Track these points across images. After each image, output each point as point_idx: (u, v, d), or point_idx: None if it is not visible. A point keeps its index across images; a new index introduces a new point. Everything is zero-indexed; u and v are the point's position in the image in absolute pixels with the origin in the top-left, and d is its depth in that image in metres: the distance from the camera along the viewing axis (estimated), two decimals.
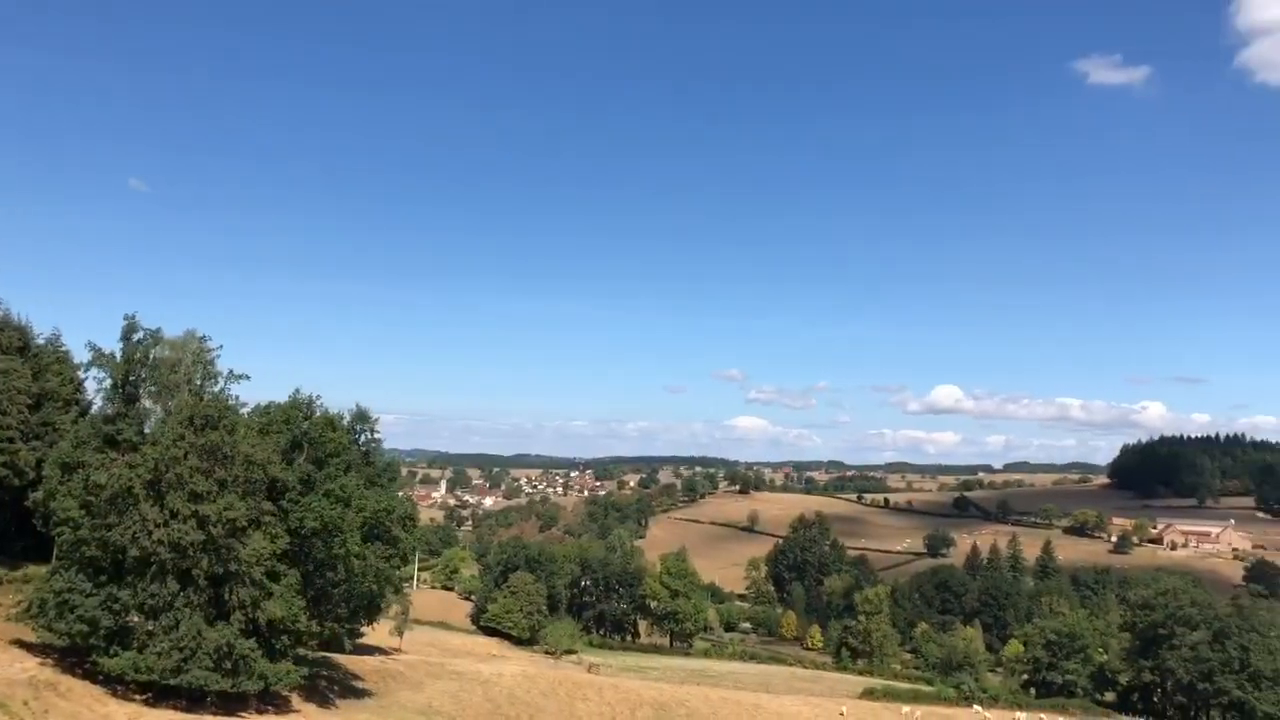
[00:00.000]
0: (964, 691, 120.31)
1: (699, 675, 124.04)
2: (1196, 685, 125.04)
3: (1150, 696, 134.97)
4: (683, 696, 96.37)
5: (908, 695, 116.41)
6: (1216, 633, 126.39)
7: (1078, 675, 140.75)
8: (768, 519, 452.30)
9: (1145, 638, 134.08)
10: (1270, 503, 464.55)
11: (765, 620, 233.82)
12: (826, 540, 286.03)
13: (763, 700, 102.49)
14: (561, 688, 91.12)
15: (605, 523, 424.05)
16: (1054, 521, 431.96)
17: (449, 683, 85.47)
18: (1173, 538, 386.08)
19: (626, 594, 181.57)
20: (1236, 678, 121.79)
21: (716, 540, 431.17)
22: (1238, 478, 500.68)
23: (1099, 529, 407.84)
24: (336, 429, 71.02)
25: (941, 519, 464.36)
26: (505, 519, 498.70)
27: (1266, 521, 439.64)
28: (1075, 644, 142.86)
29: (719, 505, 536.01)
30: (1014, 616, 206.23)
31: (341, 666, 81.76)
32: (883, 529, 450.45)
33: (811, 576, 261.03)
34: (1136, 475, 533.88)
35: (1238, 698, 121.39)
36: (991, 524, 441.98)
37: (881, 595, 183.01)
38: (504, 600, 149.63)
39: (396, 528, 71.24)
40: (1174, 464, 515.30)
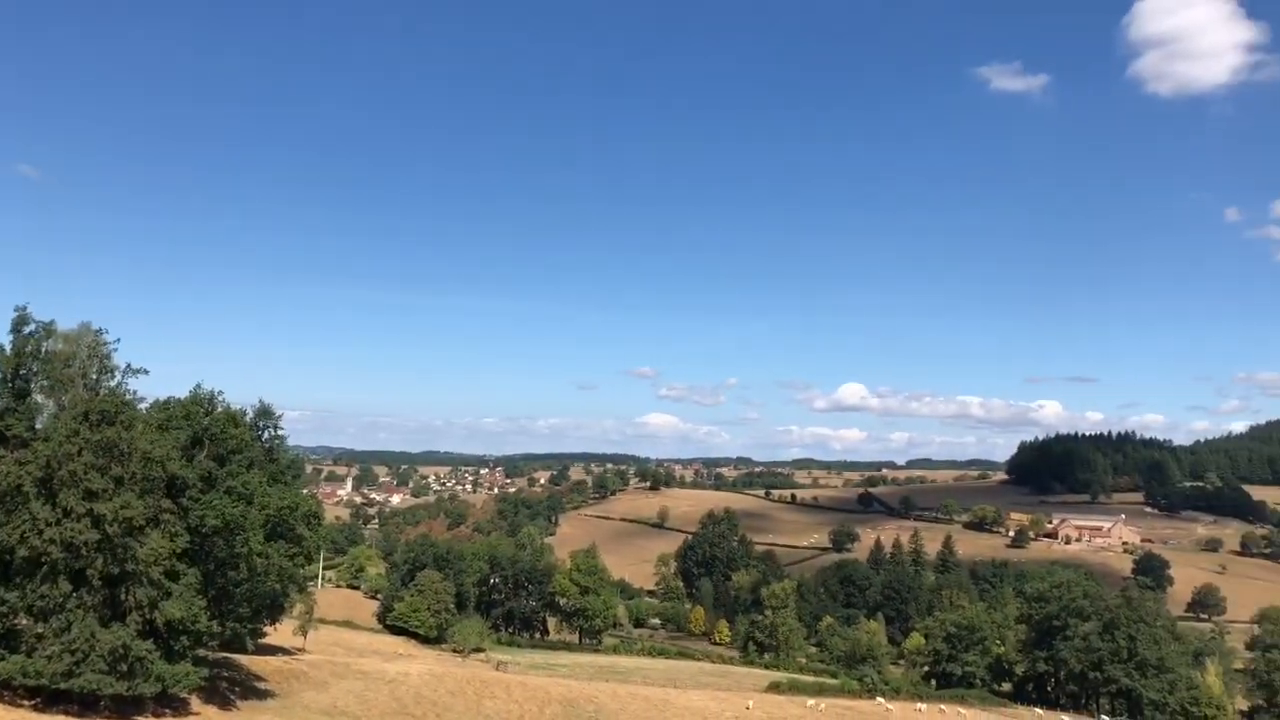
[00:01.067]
0: (867, 684, 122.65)
1: (607, 671, 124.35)
2: (1088, 674, 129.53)
3: (1044, 686, 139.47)
4: (591, 693, 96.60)
5: (813, 688, 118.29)
6: (1106, 624, 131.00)
7: (976, 666, 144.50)
8: (678, 515, 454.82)
9: (1040, 629, 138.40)
10: (1158, 498, 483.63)
11: (674, 616, 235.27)
12: (735, 536, 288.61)
13: (670, 695, 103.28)
14: (469, 686, 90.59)
15: (515, 520, 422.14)
16: (954, 517, 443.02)
17: (354, 682, 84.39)
18: (1067, 532, 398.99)
19: (536, 591, 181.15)
20: (1124, 666, 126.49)
21: (627, 537, 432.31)
22: (1128, 474, 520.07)
23: (997, 524, 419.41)
24: (239, 425, 69.67)
25: (847, 514, 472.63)
26: (413, 517, 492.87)
27: (1154, 516, 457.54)
28: (974, 636, 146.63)
29: (630, 502, 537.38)
30: (916, 610, 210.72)
31: (243, 667, 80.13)
32: (790, 524, 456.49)
33: (720, 572, 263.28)
34: (1033, 472, 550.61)
35: (1126, 685, 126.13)
36: (895, 519, 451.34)
37: (788, 590, 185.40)
38: (411, 599, 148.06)
39: (301, 526, 70.16)
40: (1068, 461, 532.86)
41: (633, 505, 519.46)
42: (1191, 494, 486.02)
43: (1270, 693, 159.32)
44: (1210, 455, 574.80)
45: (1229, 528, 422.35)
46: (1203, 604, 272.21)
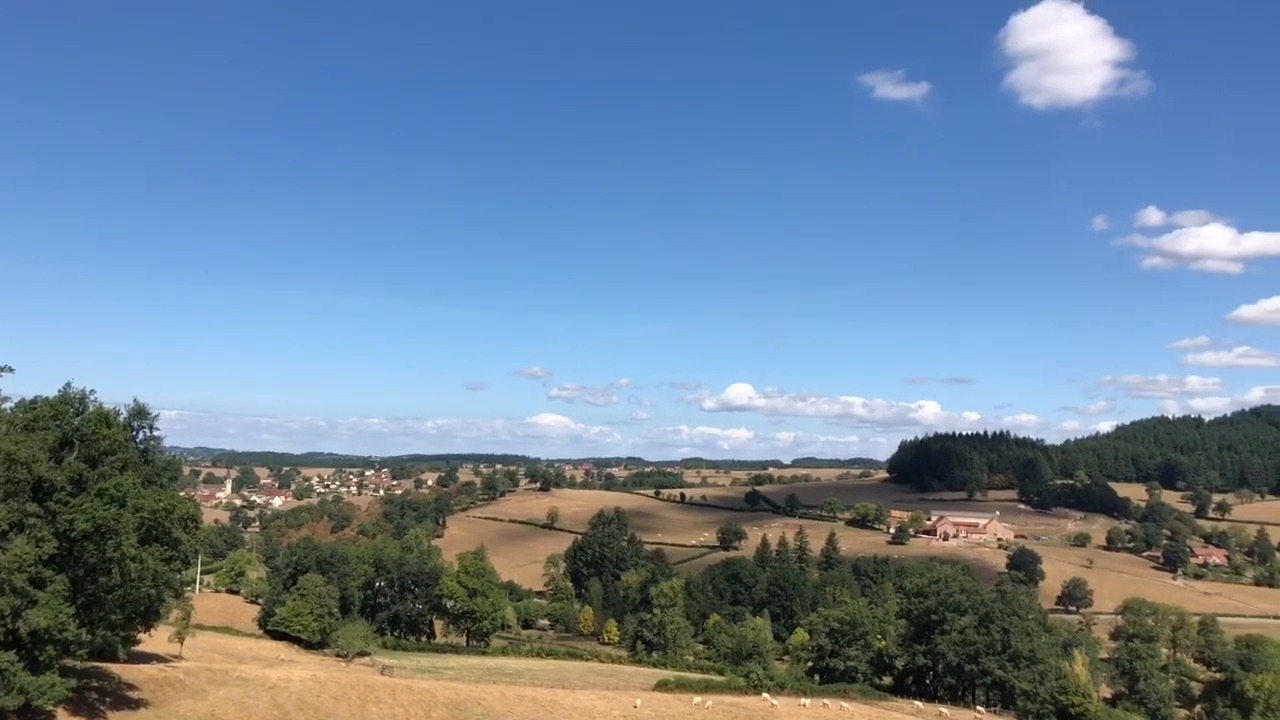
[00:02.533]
0: (753, 680, 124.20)
1: (495, 673, 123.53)
2: (964, 667, 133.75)
3: (924, 679, 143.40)
4: (478, 695, 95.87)
5: (700, 685, 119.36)
6: (982, 618, 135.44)
7: (858, 661, 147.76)
8: (568, 516, 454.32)
9: (919, 624, 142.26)
10: (1030, 495, 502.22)
11: (563, 616, 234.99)
12: (625, 536, 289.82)
13: (559, 696, 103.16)
14: (353, 691, 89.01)
15: (402, 522, 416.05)
16: (838, 514, 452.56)
17: (233, 689, 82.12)
18: (945, 529, 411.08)
19: (423, 594, 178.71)
20: (998, 659, 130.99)
21: (516, 538, 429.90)
22: (1002, 472, 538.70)
23: (879, 521, 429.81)
24: (111, 425, 67.21)
25: (735, 513, 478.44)
26: (296, 519, 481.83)
27: (1027, 513, 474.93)
28: (856, 631, 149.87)
29: (519, 503, 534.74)
30: (801, 606, 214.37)
31: (115, 676, 77.21)
32: (679, 523, 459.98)
33: (609, 572, 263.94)
34: (913, 470, 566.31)
35: (999, 677, 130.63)
36: (781, 517, 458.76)
37: (676, 588, 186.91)
38: (293, 603, 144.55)
39: (177, 529, 67.94)
40: (946, 459, 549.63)
41: (522, 506, 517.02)
42: (1062, 491, 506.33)
43: (1132, 680, 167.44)
44: (1079, 454, 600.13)
45: (1096, 523, 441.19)
46: (1071, 597, 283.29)
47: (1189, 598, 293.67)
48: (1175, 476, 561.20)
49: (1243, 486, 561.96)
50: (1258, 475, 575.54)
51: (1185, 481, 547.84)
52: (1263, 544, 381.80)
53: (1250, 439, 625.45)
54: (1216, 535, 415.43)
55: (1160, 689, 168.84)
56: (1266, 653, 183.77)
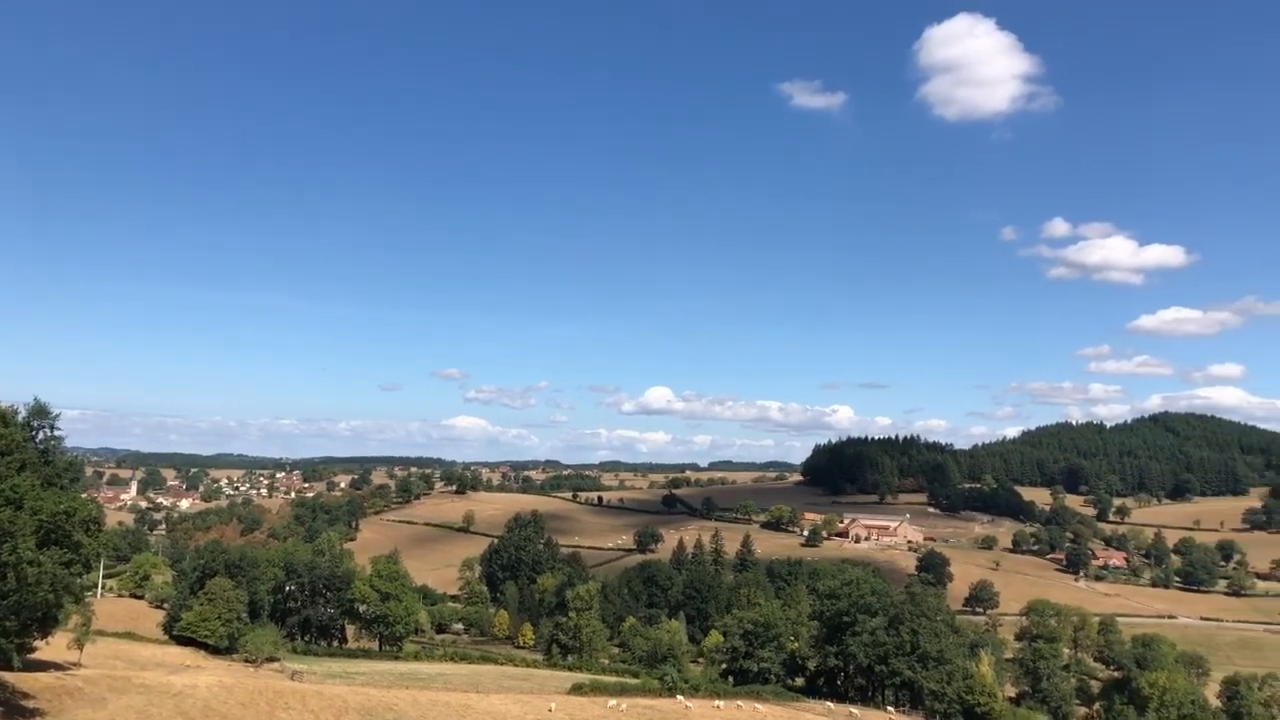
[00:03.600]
0: (667, 683, 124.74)
1: (408, 678, 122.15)
2: (875, 667, 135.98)
3: (835, 680, 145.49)
4: (390, 700, 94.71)
5: (615, 688, 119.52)
6: (892, 619, 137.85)
7: (771, 662, 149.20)
8: (484, 519, 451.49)
9: (831, 625, 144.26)
10: (939, 499, 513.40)
11: (478, 620, 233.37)
12: (541, 539, 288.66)
13: (472, 700, 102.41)
14: (262, 697, 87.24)
15: (314, 525, 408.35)
16: (753, 517, 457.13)
17: (135, 697, 79.87)
18: (857, 531, 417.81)
19: (334, 598, 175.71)
20: (908, 659, 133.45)
21: (431, 541, 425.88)
22: (913, 475, 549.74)
23: (793, 524, 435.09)
24: (9, 424, 65.05)
25: (652, 516, 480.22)
26: (203, 522, 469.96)
27: (936, 516, 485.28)
28: (769, 633, 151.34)
29: (434, 506, 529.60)
30: (715, 608, 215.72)
31: (8, 685, 74.51)
32: (596, 526, 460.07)
33: (525, 575, 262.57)
34: (827, 473, 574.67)
35: (908, 677, 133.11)
36: (698, 520, 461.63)
37: (592, 592, 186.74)
38: (200, 608, 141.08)
39: (78, 532, 65.91)
40: (859, 463, 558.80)
41: (438, 509, 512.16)
42: (970, 495, 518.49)
43: (1035, 680, 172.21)
44: (987, 458, 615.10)
45: (1002, 526, 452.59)
46: (978, 598, 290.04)
47: (1090, 599, 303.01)
48: (1078, 481, 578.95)
49: (1141, 491, 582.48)
50: (1155, 480, 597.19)
51: (1088, 486, 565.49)
52: (1159, 546, 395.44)
53: (1149, 445, 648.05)
54: (1117, 538, 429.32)
55: (1062, 688, 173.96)
56: (1161, 652, 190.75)
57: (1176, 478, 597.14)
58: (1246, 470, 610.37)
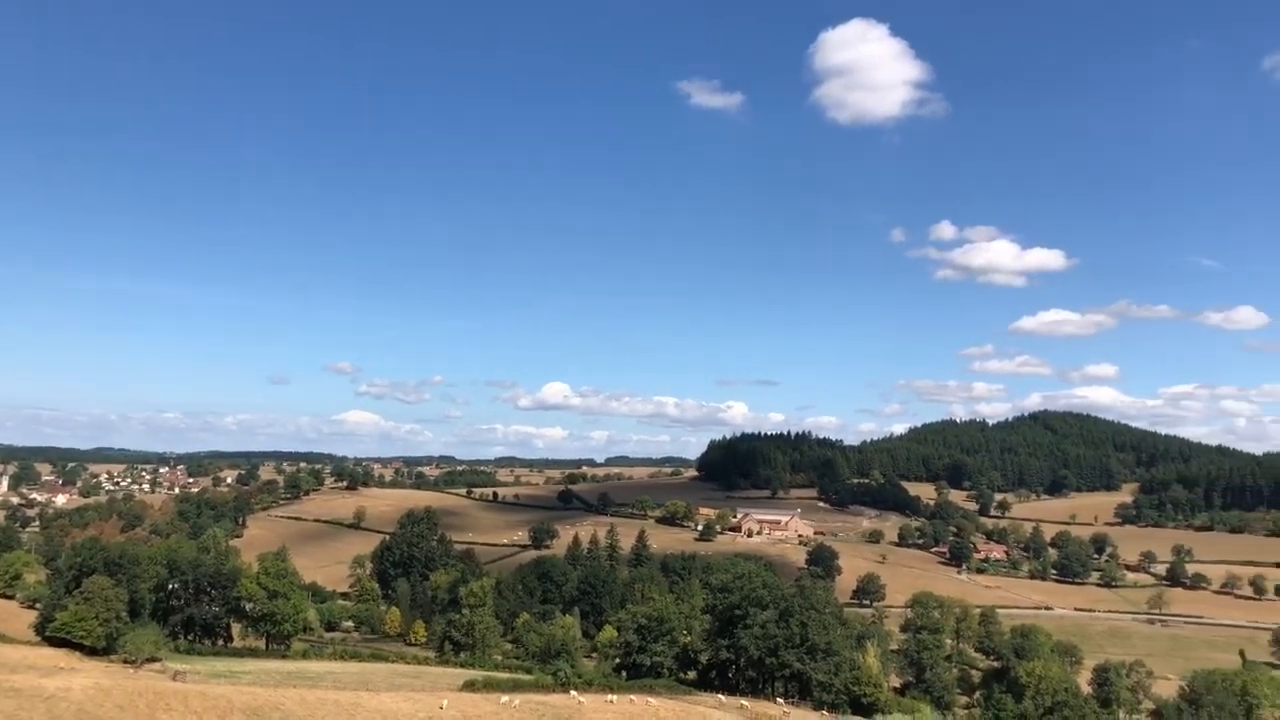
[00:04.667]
0: (561, 678, 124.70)
1: (295, 677, 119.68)
2: (765, 660, 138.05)
3: (727, 672, 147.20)
4: (277, 700, 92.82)
5: (508, 684, 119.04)
6: (783, 612, 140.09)
7: (664, 656, 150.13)
8: (376, 515, 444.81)
9: (723, 619, 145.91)
10: (829, 493, 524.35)
11: (369, 618, 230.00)
12: (434, 535, 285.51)
13: (362, 698, 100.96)
14: (141, 699, 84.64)
15: (199, 521, 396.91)
16: (649, 512, 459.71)
17: (4, 701, 76.78)
18: (750, 526, 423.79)
19: (219, 596, 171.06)
20: (797, 651, 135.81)
21: (321, 538, 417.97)
22: (804, 471, 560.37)
23: (688, 519, 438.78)
24: None
25: (548, 512, 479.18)
26: (81, 519, 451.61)
27: (826, 510, 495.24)
28: (663, 627, 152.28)
29: (325, 502, 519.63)
30: (610, 603, 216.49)
31: None
32: (491, 523, 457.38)
33: (418, 572, 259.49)
34: (721, 468, 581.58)
35: (798, 669, 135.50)
36: (593, 515, 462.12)
37: (486, 588, 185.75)
38: (76, 607, 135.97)
39: None
40: (752, 458, 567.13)
41: (328, 505, 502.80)
42: (858, 490, 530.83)
43: (919, 670, 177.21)
44: (875, 454, 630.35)
45: (889, 520, 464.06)
46: (865, 591, 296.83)
47: (972, 591, 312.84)
48: (962, 476, 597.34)
49: (1021, 486, 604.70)
50: (1034, 476, 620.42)
51: (970, 481, 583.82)
52: (1037, 540, 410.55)
53: (1029, 442, 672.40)
54: (997, 532, 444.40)
55: (944, 678, 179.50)
56: (1037, 642, 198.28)
57: (1054, 474, 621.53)
58: (1119, 467, 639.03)
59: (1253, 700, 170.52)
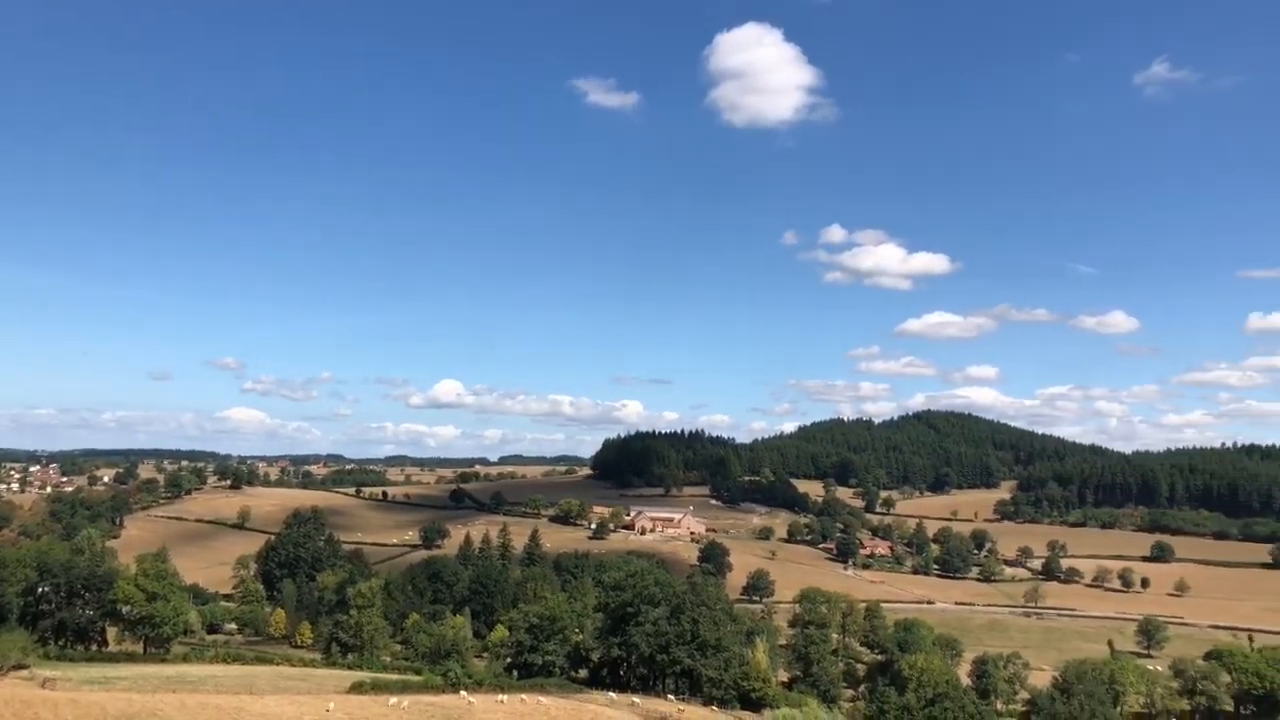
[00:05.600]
0: (451, 678, 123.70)
1: (175, 682, 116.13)
2: (656, 657, 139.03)
3: (618, 670, 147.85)
4: (154, 705, 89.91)
5: (397, 686, 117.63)
6: (674, 609, 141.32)
7: (556, 655, 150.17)
8: (261, 515, 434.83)
9: (616, 617, 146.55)
10: (721, 491, 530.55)
11: (253, 620, 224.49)
12: (322, 535, 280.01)
13: (245, 702, 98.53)
14: (8, 708, 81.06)
15: (72, 522, 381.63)
16: (542, 511, 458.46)
17: None
18: (643, 524, 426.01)
19: (94, 599, 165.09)
20: (688, 648, 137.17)
21: (203, 538, 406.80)
22: (697, 469, 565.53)
23: (581, 517, 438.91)
24: None
25: (439, 511, 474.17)
26: None
27: (718, 508, 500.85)
28: (555, 626, 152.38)
29: (207, 501, 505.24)
30: (501, 603, 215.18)
31: None
32: (381, 522, 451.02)
33: (305, 573, 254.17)
34: (615, 467, 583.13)
35: (688, 665, 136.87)
36: (486, 515, 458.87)
37: (375, 588, 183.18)
38: None
39: None
40: (646, 457, 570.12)
41: (211, 505, 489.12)
42: (749, 487, 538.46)
43: (806, 664, 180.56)
44: (766, 452, 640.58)
45: (779, 517, 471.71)
46: (755, 587, 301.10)
47: (857, 586, 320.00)
48: (849, 474, 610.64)
49: (905, 484, 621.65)
50: (918, 473, 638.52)
51: (857, 479, 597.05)
52: (920, 536, 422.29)
53: (913, 441, 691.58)
54: (883, 528, 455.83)
55: (831, 671, 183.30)
56: (920, 635, 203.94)
57: (937, 471, 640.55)
58: (998, 465, 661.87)
59: (1119, 689, 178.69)
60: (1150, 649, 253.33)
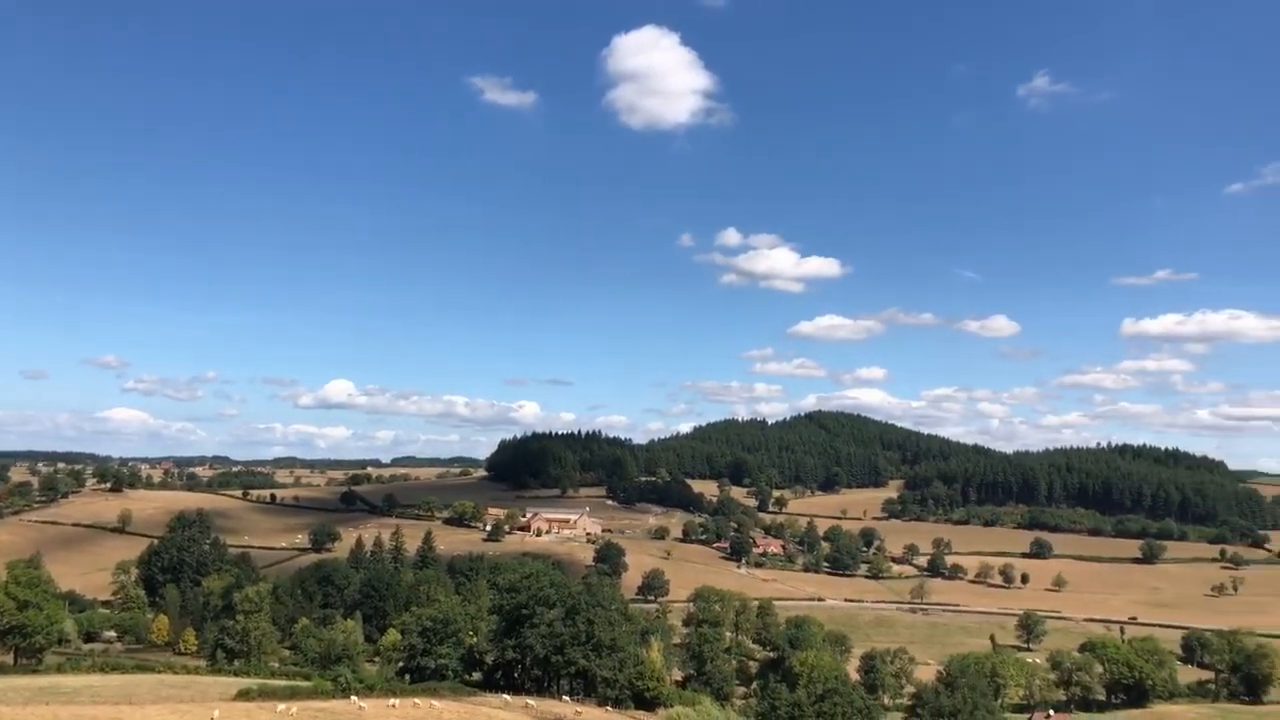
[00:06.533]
0: (341, 683, 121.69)
1: (48, 693, 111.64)
2: (551, 658, 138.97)
3: (512, 672, 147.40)
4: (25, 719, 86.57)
5: (285, 692, 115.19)
6: (569, 610, 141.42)
7: (449, 658, 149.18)
8: (143, 519, 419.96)
9: (510, 619, 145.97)
10: (617, 491, 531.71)
11: (133, 627, 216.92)
12: (207, 539, 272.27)
13: (124, 713, 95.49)
14: None
15: None
16: (436, 513, 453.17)
17: None
18: (539, 525, 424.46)
19: None
20: (583, 649, 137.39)
21: (81, 543, 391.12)
22: (594, 469, 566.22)
23: (476, 519, 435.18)
24: None
25: (329, 514, 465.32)
26: None
27: (614, 508, 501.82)
28: (448, 629, 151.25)
29: (86, 505, 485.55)
30: (394, 606, 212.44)
31: None
32: (269, 526, 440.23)
33: (189, 578, 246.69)
34: (511, 468, 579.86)
35: (583, 666, 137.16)
36: (378, 517, 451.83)
37: (263, 593, 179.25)
38: None
39: None
40: (543, 458, 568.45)
41: (89, 508, 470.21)
42: (645, 488, 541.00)
43: (700, 663, 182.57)
44: (662, 453, 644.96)
45: (675, 517, 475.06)
46: (650, 587, 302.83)
47: (751, 584, 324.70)
48: (743, 474, 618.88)
49: (797, 483, 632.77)
50: (809, 473, 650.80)
51: (751, 479, 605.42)
52: (811, 534, 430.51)
53: (805, 441, 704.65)
54: (775, 527, 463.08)
55: (724, 669, 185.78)
56: (810, 632, 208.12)
57: (828, 471, 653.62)
58: (886, 464, 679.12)
59: (1000, 681, 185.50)
60: (1030, 643, 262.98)
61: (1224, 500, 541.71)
